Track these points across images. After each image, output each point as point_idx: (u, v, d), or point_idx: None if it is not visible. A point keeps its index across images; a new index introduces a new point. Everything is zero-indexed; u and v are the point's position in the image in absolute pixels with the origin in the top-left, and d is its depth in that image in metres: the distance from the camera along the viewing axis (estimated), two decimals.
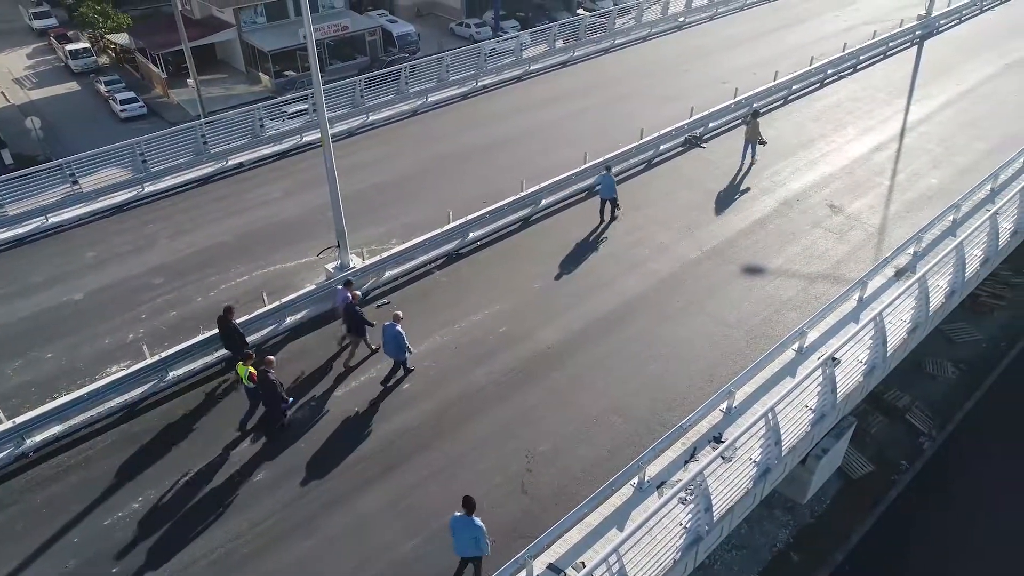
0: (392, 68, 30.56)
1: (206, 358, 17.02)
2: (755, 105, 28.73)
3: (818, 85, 32.02)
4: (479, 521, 11.86)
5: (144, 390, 16.25)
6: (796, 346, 17.07)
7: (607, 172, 22.10)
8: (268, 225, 22.35)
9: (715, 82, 31.84)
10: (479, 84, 31.80)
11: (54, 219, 22.25)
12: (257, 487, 14.33)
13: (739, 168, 25.38)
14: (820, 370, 15.26)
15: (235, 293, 19.12)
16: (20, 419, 14.90)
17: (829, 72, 32.75)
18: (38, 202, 22.22)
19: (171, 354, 16.47)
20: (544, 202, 23.07)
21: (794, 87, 31.14)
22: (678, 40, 38.35)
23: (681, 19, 40.14)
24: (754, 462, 14.21)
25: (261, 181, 24.79)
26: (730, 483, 13.69)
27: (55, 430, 15.27)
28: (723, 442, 14.62)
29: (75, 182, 22.80)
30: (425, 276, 20.25)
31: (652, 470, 14.09)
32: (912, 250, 20.36)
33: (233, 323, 16.26)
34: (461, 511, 11.90)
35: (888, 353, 16.96)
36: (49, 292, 19.57)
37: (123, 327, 18.30)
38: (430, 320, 18.26)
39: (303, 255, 20.75)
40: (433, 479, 14.39)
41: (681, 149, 26.78)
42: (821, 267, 20.41)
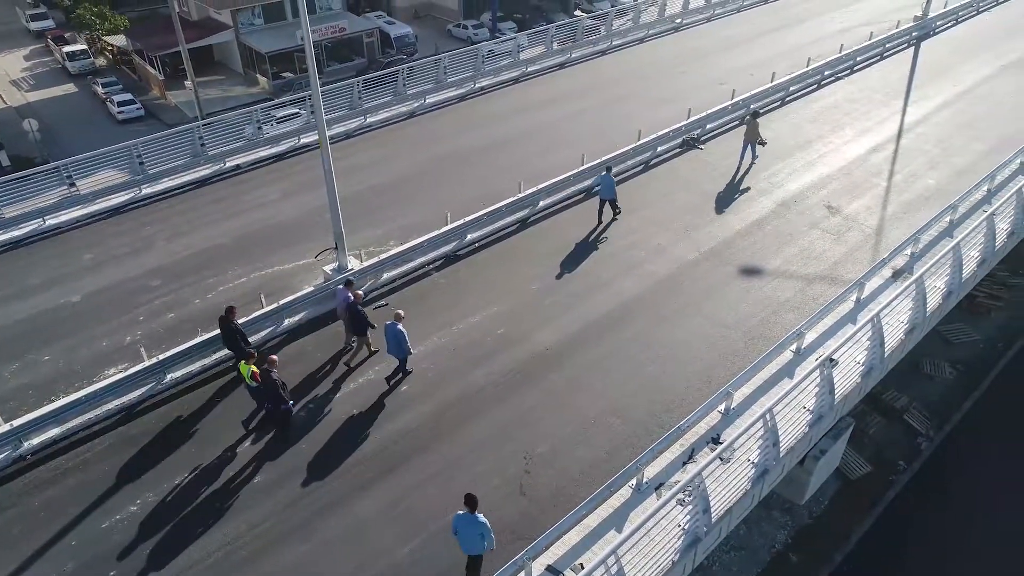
0: (390, 70, 30.57)
1: (204, 360, 17.02)
2: (753, 106, 28.78)
3: (815, 86, 32.06)
4: (482, 517, 11.88)
5: (142, 392, 16.25)
6: (794, 347, 17.09)
7: (607, 173, 22.13)
8: (266, 227, 22.35)
9: (712, 83, 31.87)
10: (477, 86, 31.81)
11: (51, 221, 22.24)
12: (255, 490, 14.32)
13: (737, 169, 25.41)
14: (818, 371, 15.27)
15: (233, 295, 19.10)
16: (17, 422, 14.89)
17: (826, 73, 32.81)
18: (35, 204, 22.22)
19: (169, 356, 16.47)
20: (542, 203, 23.09)
21: (791, 88, 31.18)
22: (675, 41, 38.40)
23: (678, 20, 40.18)
24: (752, 463, 14.22)
25: (259, 183, 24.78)
26: (728, 484, 13.69)
27: (53, 433, 15.26)
28: (721, 443, 14.63)
29: (72, 184, 22.79)
30: (423, 278, 20.25)
31: (650, 471, 14.11)
32: (909, 251, 20.40)
33: (235, 323, 16.26)
34: (464, 509, 11.92)
35: (886, 354, 16.98)
36: (46, 294, 19.55)
37: (120, 329, 18.29)
38: (428, 322, 18.26)
39: (301, 257, 20.75)
40: (431, 481, 14.38)
41: (679, 150, 26.81)
42: (819, 268, 20.43)
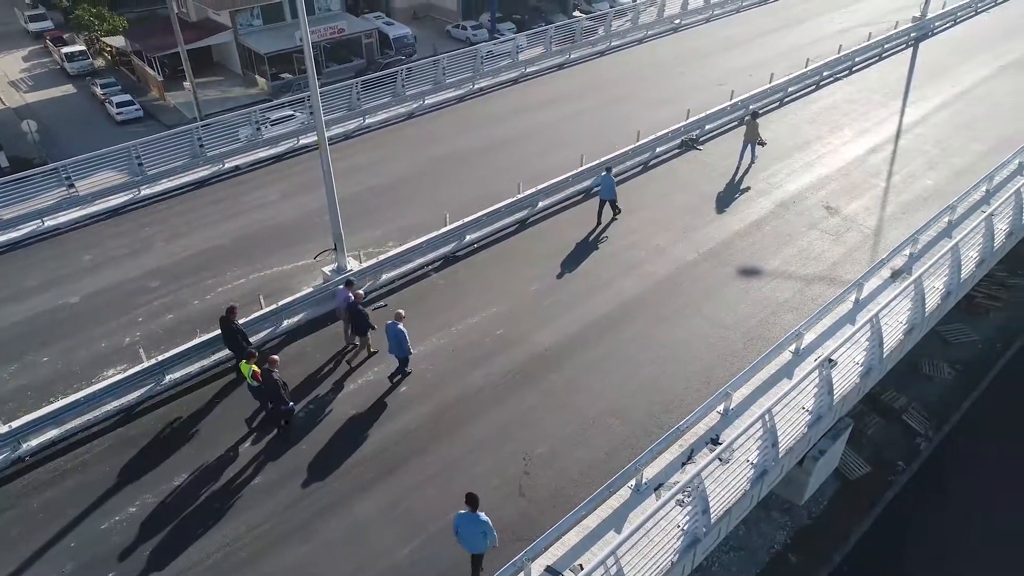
0: (389, 71, 30.57)
1: (203, 361, 17.02)
2: (753, 107, 28.79)
3: (814, 87, 32.09)
4: (484, 515, 11.89)
5: (141, 394, 16.24)
6: (793, 348, 17.10)
7: (607, 173, 22.15)
8: (265, 228, 22.34)
9: (711, 84, 31.90)
10: (476, 86, 31.82)
11: (50, 222, 22.24)
12: (254, 491, 14.32)
13: (736, 170, 25.43)
14: (817, 372, 15.27)
15: (232, 296, 19.08)
16: (16, 423, 14.89)
17: (825, 74, 32.84)
18: (34, 205, 22.22)
19: (168, 357, 16.47)
20: (541, 204, 23.09)
21: (790, 89, 31.20)
22: (674, 42, 38.42)
23: (677, 21, 40.21)
24: (751, 464, 14.22)
25: (258, 184, 24.78)
26: (727, 485, 13.69)
27: (51, 434, 15.25)
28: (720, 444, 14.62)
29: (71, 185, 22.79)
30: (422, 279, 20.25)
31: (650, 472, 14.11)
32: (908, 252, 20.41)
33: (236, 323, 16.28)
34: (465, 508, 11.93)
35: (884, 354, 16.99)
36: (45, 296, 19.54)
37: (119, 330, 18.28)
38: (427, 323, 18.25)
39: (300, 258, 20.74)
40: (430, 483, 14.38)
41: (678, 151, 26.83)
42: (817, 269, 20.45)
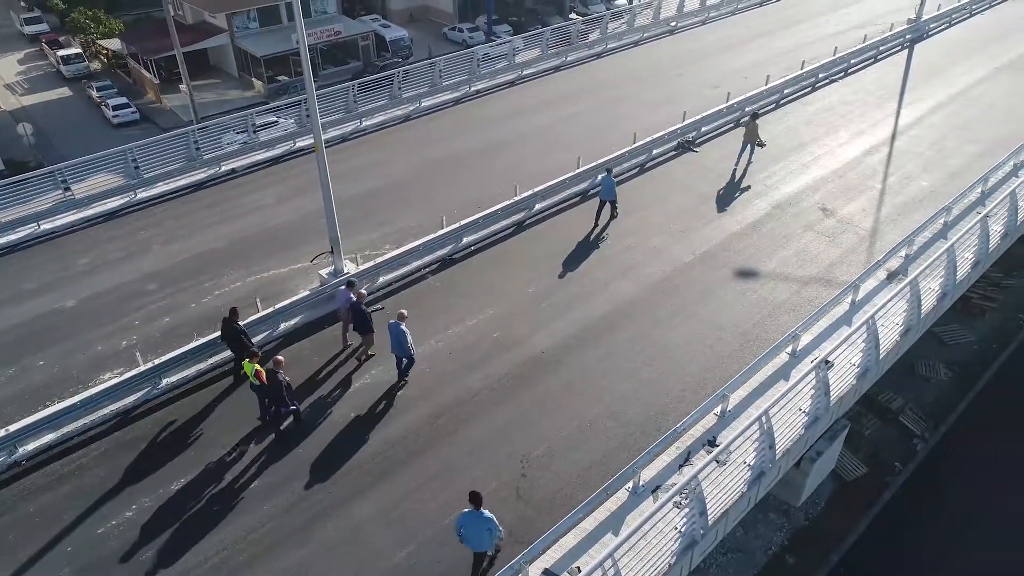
0: (385, 73, 30.56)
1: (200, 365, 17.00)
2: (753, 107, 28.81)
3: (810, 89, 32.16)
4: (488, 513, 11.91)
5: (137, 397, 16.21)
6: (789, 349, 17.13)
7: (608, 174, 22.21)
8: (261, 231, 22.32)
9: (707, 86, 31.96)
10: (472, 89, 31.84)
11: (46, 226, 22.19)
12: (252, 494, 14.30)
13: (733, 171, 25.48)
14: (813, 373, 15.30)
15: (229, 299, 19.02)
16: (13, 427, 14.84)
17: (820, 76, 32.91)
18: (30, 208, 22.16)
19: (164, 361, 16.45)
20: (538, 206, 23.10)
21: (786, 91, 31.28)
22: (671, 44, 38.49)
23: (673, 23, 40.26)
24: (748, 465, 14.25)
25: (254, 187, 24.77)
26: (725, 487, 13.70)
27: (48, 438, 15.22)
28: (717, 446, 14.64)
29: (67, 188, 22.75)
30: (419, 281, 20.24)
31: (647, 474, 14.11)
32: (904, 253, 20.46)
33: (238, 324, 16.30)
34: (469, 507, 11.94)
35: (881, 356, 17.03)
36: (42, 299, 19.50)
37: (116, 334, 18.25)
38: (424, 325, 18.23)
39: (297, 261, 20.73)
40: (428, 485, 14.37)
41: (674, 153, 26.87)
42: (814, 270, 20.49)
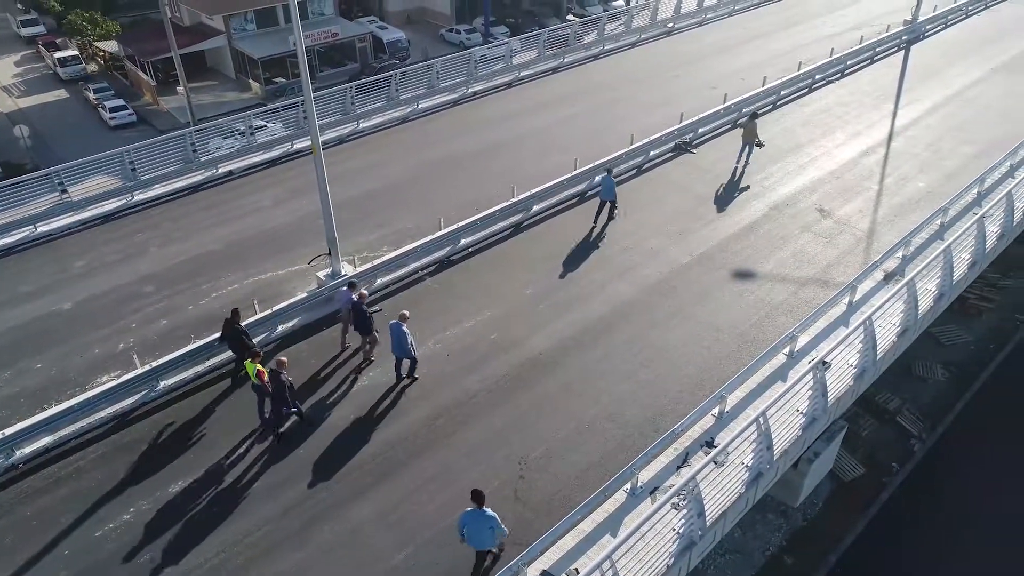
0: (383, 75, 30.56)
1: (197, 367, 16.98)
2: (752, 108, 28.84)
3: (806, 90, 32.23)
4: (490, 511, 11.91)
5: (135, 400, 16.18)
6: (787, 350, 17.16)
7: (608, 174, 22.24)
8: (259, 233, 22.30)
9: (704, 87, 32.01)
10: (470, 90, 31.86)
11: (43, 228, 22.16)
12: (250, 496, 14.28)
13: (731, 171, 25.50)
14: (811, 374, 15.33)
15: (226, 302, 19.00)
16: (9, 430, 14.79)
17: (817, 77, 32.98)
18: (27, 211, 22.12)
19: (162, 363, 16.42)
20: (535, 208, 23.11)
21: (783, 92, 31.33)
22: (668, 45, 38.55)
23: (670, 25, 40.33)
24: (746, 466, 14.26)
25: (251, 189, 24.75)
26: (723, 488, 13.73)
27: (45, 441, 15.18)
28: (715, 447, 14.66)
29: (64, 191, 22.70)
30: (417, 283, 20.25)
31: (645, 476, 14.12)
32: (901, 254, 20.50)
33: (239, 325, 16.31)
34: (471, 506, 11.94)
35: (878, 356, 17.07)
36: (38, 302, 19.46)
37: (113, 336, 18.22)
38: (422, 327, 18.20)
39: (294, 263, 20.71)
40: (426, 487, 14.37)
41: (671, 154, 26.90)
42: (811, 271, 20.52)
